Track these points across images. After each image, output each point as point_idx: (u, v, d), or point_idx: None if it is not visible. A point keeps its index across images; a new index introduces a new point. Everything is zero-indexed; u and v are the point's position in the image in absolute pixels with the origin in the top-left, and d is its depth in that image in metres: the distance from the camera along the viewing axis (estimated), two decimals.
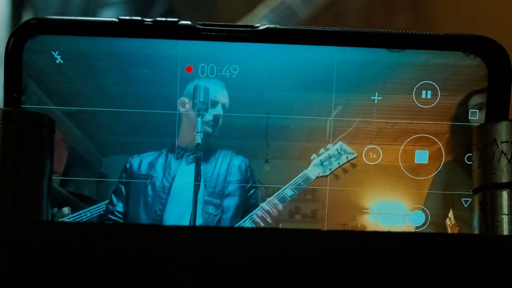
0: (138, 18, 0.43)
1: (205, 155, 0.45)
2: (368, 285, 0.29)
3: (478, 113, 0.44)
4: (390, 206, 0.45)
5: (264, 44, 0.44)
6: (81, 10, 1.02)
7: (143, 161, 0.45)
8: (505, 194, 0.35)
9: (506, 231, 0.35)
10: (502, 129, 0.35)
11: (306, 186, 0.45)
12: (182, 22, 0.43)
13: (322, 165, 0.45)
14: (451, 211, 0.45)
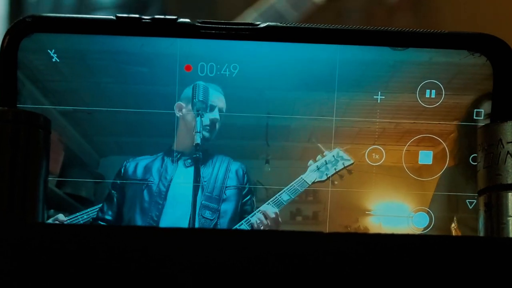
0: (136, 16, 0.43)
1: (202, 159, 0.45)
2: None
3: (483, 112, 0.44)
4: (393, 208, 0.45)
5: (264, 42, 0.44)
6: (73, 12, 1.02)
7: (139, 165, 0.45)
8: (511, 196, 0.35)
9: None
10: (508, 129, 0.35)
11: (302, 191, 0.45)
12: (181, 20, 0.43)
13: (319, 170, 0.45)
14: (456, 213, 0.45)
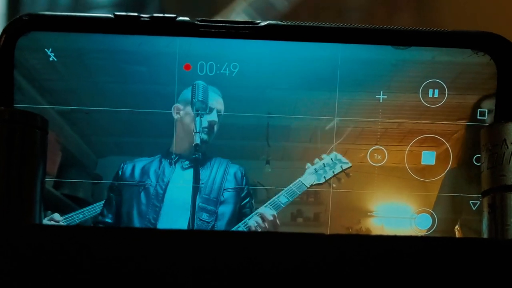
0: (135, 14, 0.43)
1: (200, 161, 0.45)
2: None
3: (487, 112, 0.44)
4: (396, 209, 0.45)
5: (265, 41, 0.44)
6: (70, 11, 1.02)
7: (136, 167, 0.45)
8: None
9: None
10: None
11: (300, 194, 0.45)
12: (180, 18, 0.43)
13: (317, 173, 0.45)
14: (459, 215, 0.45)
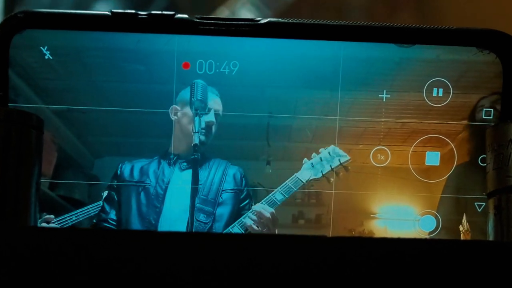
0: (132, 11, 0.43)
1: (199, 162, 0.45)
2: None
3: (492, 112, 0.44)
4: (399, 211, 0.45)
5: (265, 39, 0.43)
6: (75, 4, 1.01)
7: (135, 167, 0.45)
8: None
9: None
10: None
11: (296, 190, 0.45)
12: (179, 15, 0.43)
13: (313, 168, 0.45)
14: (464, 216, 0.45)
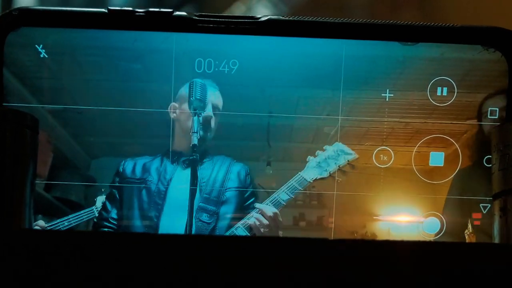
0: (129, 8, 0.42)
1: (201, 159, 0.45)
2: None
3: (498, 111, 0.44)
4: (403, 213, 0.45)
5: (265, 37, 0.43)
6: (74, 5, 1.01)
7: (137, 164, 0.45)
8: None
9: None
10: None
11: (302, 189, 0.45)
12: (177, 13, 0.43)
13: (319, 166, 0.45)
14: (469, 218, 0.45)
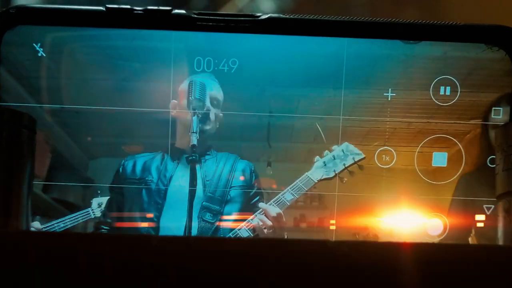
0: (127, 6, 0.42)
1: (205, 156, 0.45)
2: None
3: (502, 111, 0.44)
4: (405, 214, 0.45)
5: (266, 35, 0.43)
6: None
7: (137, 164, 0.45)
8: None
9: None
10: None
11: (308, 190, 0.45)
12: (176, 11, 0.43)
13: (326, 166, 0.44)
14: (473, 219, 0.44)
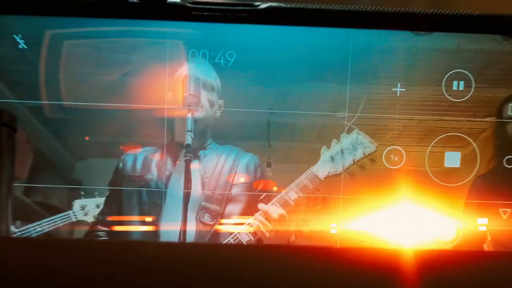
0: None
1: (205, 151, 0.45)
2: None
3: None
4: (415, 217, 0.44)
5: (265, 26, 0.43)
6: None
7: (138, 160, 0.44)
8: None
9: None
10: None
11: (313, 187, 0.44)
12: (171, 0, 0.42)
13: (333, 161, 0.44)
14: (488, 224, 0.44)
